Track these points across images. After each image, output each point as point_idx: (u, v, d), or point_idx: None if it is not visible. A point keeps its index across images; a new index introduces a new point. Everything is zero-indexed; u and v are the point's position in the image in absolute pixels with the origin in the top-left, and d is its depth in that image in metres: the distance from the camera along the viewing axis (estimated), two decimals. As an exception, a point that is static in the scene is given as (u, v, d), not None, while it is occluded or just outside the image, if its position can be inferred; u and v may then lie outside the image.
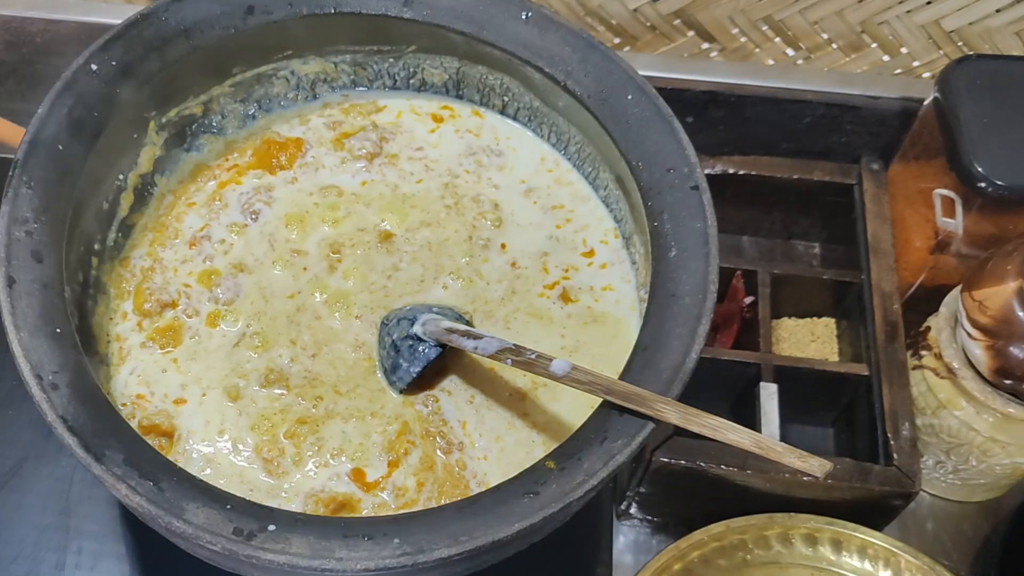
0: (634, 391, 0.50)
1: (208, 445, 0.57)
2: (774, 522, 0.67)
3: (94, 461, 0.47)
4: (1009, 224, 0.72)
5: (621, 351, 0.55)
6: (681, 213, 0.57)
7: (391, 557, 0.46)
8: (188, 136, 0.67)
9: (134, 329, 0.60)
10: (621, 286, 0.64)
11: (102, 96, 0.58)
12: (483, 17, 0.64)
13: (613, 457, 0.49)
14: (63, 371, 0.50)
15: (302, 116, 0.70)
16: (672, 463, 0.67)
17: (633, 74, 0.62)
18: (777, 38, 0.87)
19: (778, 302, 0.79)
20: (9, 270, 0.51)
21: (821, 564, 0.66)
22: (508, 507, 0.48)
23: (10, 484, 0.71)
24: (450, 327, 0.57)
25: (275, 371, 0.59)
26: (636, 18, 0.86)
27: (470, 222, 0.66)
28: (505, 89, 0.69)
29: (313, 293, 0.62)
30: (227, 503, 0.48)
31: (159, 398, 0.58)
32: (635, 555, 0.75)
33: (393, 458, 0.57)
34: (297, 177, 0.67)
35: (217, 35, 0.62)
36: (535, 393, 0.59)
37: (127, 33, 0.60)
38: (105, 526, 0.70)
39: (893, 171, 0.82)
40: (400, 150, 0.69)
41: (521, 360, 0.53)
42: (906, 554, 0.66)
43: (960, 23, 0.83)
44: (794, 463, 0.47)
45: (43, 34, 0.91)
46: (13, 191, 0.53)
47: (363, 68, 0.70)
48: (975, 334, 0.65)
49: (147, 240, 0.64)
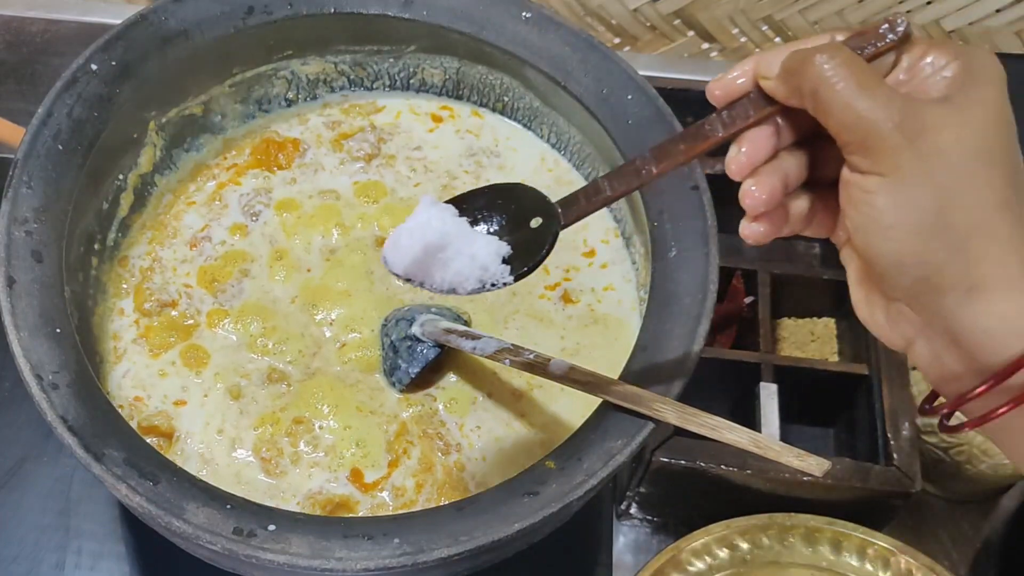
0: (633, 391, 0.50)
1: (206, 445, 0.57)
2: (774, 522, 0.67)
3: (94, 461, 0.47)
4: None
5: (622, 354, 0.55)
6: (681, 213, 0.57)
7: (391, 557, 0.46)
8: (188, 136, 0.67)
9: (132, 328, 0.60)
10: (622, 285, 0.64)
11: (102, 96, 0.58)
12: (483, 17, 0.64)
13: (613, 457, 0.49)
14: (63, 371, 0.50)
15: (301, 116, 0.70)
16: (672, 463, 0.67)
17: (633, 74, 0.62)
18: (777, 38, 0.87)
19: (778, 302, 0.79)
20: (9, 270, 0.51)
21: (821, 564, 0.66)
22: (508, 507, 0.48)
23: (10, 484, 0.71)
24: (449, 327, 0.57)
25: (276, 371, 0.59)
26: (636, 18, 0.86)
27: (470, 222, 0.66)
28: (505, 89, 0.69)
29: (313, 293, 0.62)
30: (227, 503, 0.48)
31: (158, 399, 0.58)
32: (635, 555, 0.75)
33: (392, 458, 0.57)
34: (296, 178, 0.67)
35: (217, 35, 0.62)
36: (533, 393, 0.59)
37: (127, 33, 0.60)
38: (105, 526, 0.70)
39: (893, 171, 0.82)
40: (398, 151, 0.69)
41: (519, 360, 0.53)
42: (906, 554, 0.65)
43: (960, 23, 0.83)
44: (793, 462, 0.47)
45: (43, 34, 0.91)
46: (13, 191, 0.53)
47: (363, 68, 0.70)
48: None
49: (145, 239, 0.64)
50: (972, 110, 0.38)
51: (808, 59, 0.40)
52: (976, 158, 0.38)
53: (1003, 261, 0.38)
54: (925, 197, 0.38)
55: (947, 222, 0.38)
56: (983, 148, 0.38)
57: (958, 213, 0.38)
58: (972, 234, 0.38)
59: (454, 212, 0.44)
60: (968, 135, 0.38)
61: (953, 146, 0.38)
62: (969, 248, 0.38)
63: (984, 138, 0.38)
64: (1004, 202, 0.38)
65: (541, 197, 0.45)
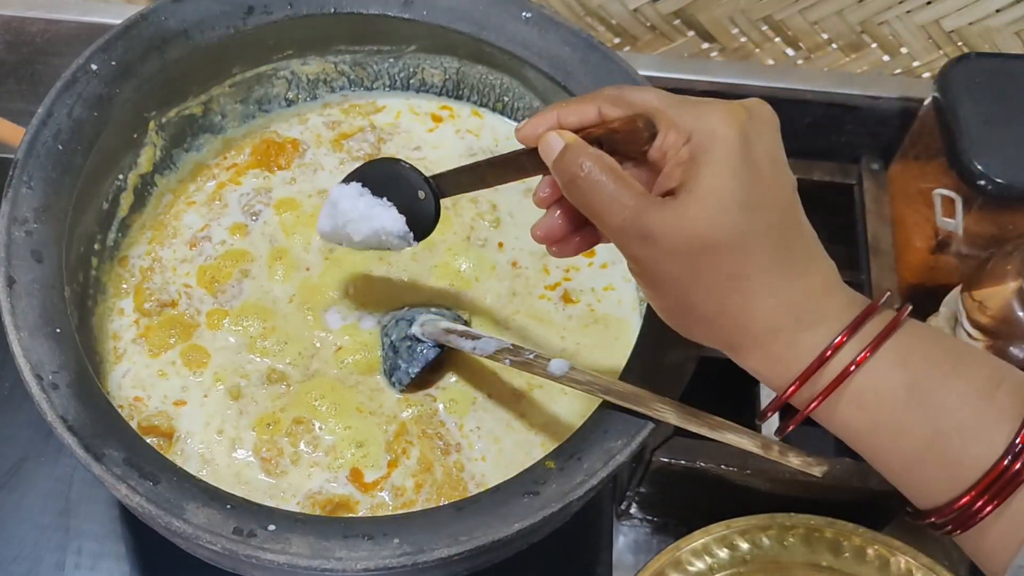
0: (633, 391, 0.50)
1: (206, 445, 0.57)
2: (774, 522, 0.67)
3: (94, 461, 0.47)
4: (1009, 224, 0.72)
5: (622, 354, 0.55)
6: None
7: (391, 557, 0.46)
8: (188, 136, 0.67)
9: (132, 328, 0.60)
10: (622, 285, 0.64)
11: (102, 96, 0.58)
12: (483, 17, 0.64)
13: (613, 457, 0.49)
14: (63, 371, 0.50)
15: (301, 116, 0.70)
16: (672, 463, 0.67)
17: (633, 74, 0.62)
18: (777, 38, 0.86)
19: (778, 302, 0.79)
20: (9, 270, 0.51)
21: (821, 564, 0.66)
22: (508, 507, 0.48)
23: (10, 484, 0.71)
24: (449, 327, 0.57)
25: (276, 371, 0.59)
26: (636, 18, 0.85)
27: (468, 223, 0.66)
28: (505, 89, 0.69)
29: (313, 294, 0.62)
30: (227, 503, 0.48)
31: (158, 399, 0.58)
32: (635, 555, 0.75)
33: (392, 459, 0.57)
34: (296, 178, 0.67)
35: (217, 35, 0.62)
36: (533, 394, 0.59)
37: (127, 33, 0.60)
38: (105, 526, 0.70)
39: (893, 171, 0.82)
40: (398, 151, 0.69)
41: (519, 360, 0.53)
42: (906, 554, 0.65)
43: (960, 23, 0.83)
44: (793, 462, 0.47)
45: (43, 34, 0.90)
46: (13, 191, 0.53)
47: (363, 68, 0.70)
48: (975, 334, 0.65)
49: (145, 239, 0.64)
50: (694, 205, 0.41)
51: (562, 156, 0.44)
52: (701, 251, 0.41)
53: (746, 328, 0.43)
54: (663, 289, 0.43)
55: (687, 307, 0.43)
56: (707, 237, 0.41)
57: (694, 300, 0.43)
58: (716, 313, 0.43)
59: (359, 187, 0.55)
60: (688, 230, 0.41)
61: (677, 245, 0.41)
62: (713, 323, 0.43)
63: (708, 227, 0.41)
64: (732, 278, 0.41)
65: (420, 174, 0.54)
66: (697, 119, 0.41)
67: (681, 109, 0.42)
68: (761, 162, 0.41)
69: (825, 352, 0.42)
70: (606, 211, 0.43)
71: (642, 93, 0.45)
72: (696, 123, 0.41)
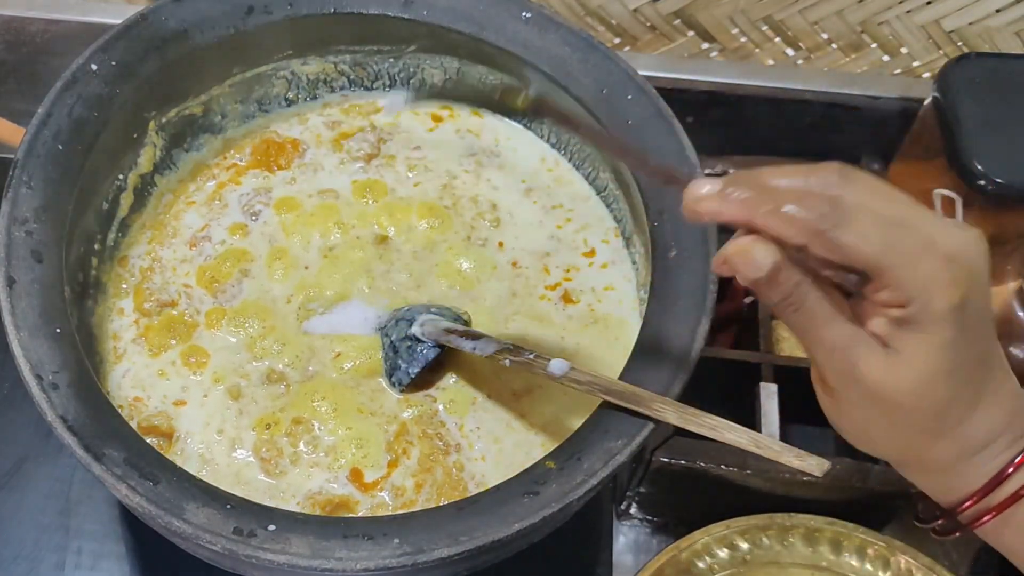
0: (633, 391, 0.50)
1: (206, 445, 0.57)
2: (774, 522, 0.67)
3: (94, 461, 0.47)
4: (1009, 224, 0.72)
5: (622, 354, 0.55)
6: (681, 213, 0.57)
7: (391, 557, 0.46)
8: (188, 136, 0.67)
9: (132, 328, 0.60)
10: (623, 285, 0.64)
11: (102, 96, 0.58)
12: (483, 17, 0.64)
13: (613, 457, 0.49)
14: (63, 371, 0.50)
15: (301, 116, 0.70)
16: (672, 463, 0.67)
17: (633, 74, 0.62)
18: (777, 38, 0.87)
19: (778, 302, 0.79)
20: (9, 270, 0.51)
21: (821, 564, 0.66)
22: (508, 507, 0.48)
23: (10, 484, 0.71)
24: (448, 327, 0.57)
25: (276, 371, 0.59)
26: (636, 18, 0.86)
27: (468, 222, 0.66)
28: (505, 89, 0.69)
29: (312, 293, 0.62)
30: (227, 503, 0.48)
31: (158, 399, 0.58)
32: (635, 555, 0.75)
33: (392, 459, 0.57)
34: (296, 177, 0.67)
35: (217, 35, 0.62)
36: (533, 394, 0.59)
37: (127, 33, 0.60)
38: (105, 526, 0.70)
39: (893, 171, 0.82)
40: (398, 151, 0.69)
41: (519, 360, 0.53)
42: (906, 554, 0.65)
43: (960, 23, 0.83)
44: (793, 462, 0.47)
45: (43, 34, 0.90)
46: (13, 191, 0.53)
47: (363, 68, 0.70)
48: (975, 334, 0.65)
49: (145, 238, 0.64)
50: (903, 367, 0.41)
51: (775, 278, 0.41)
52: (899, 408, 0.42)
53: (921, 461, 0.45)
54: (847, 416, 0.45)
55: (867, 435, 0.45)
56: (909, 401, 0.41)
57: (876, 434, 0.44)
58: (896, 449, 0.45)
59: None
60: (891, 387, 0.41)
61: (879, 393, 0.41)
62: (889, 452, 0.46)
63: (912, 393, 0.41)
64: (923, 431, 0.43)
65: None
66: (920, 288, 0.39)
67: (904, 272, 0.39)
68: (970, 320, 0.40)
69: (1005, 470, 0.43)
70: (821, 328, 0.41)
71: (858, 237, 0.39)
72: (917, 292, 0.39)
